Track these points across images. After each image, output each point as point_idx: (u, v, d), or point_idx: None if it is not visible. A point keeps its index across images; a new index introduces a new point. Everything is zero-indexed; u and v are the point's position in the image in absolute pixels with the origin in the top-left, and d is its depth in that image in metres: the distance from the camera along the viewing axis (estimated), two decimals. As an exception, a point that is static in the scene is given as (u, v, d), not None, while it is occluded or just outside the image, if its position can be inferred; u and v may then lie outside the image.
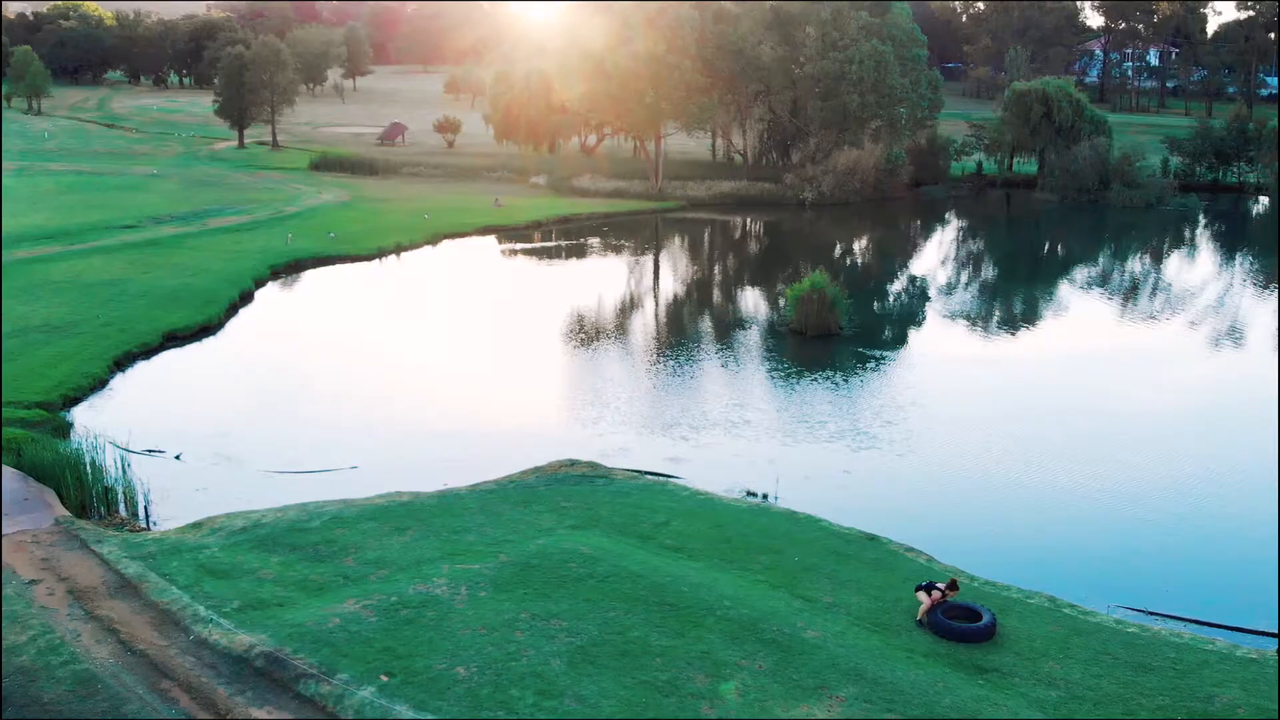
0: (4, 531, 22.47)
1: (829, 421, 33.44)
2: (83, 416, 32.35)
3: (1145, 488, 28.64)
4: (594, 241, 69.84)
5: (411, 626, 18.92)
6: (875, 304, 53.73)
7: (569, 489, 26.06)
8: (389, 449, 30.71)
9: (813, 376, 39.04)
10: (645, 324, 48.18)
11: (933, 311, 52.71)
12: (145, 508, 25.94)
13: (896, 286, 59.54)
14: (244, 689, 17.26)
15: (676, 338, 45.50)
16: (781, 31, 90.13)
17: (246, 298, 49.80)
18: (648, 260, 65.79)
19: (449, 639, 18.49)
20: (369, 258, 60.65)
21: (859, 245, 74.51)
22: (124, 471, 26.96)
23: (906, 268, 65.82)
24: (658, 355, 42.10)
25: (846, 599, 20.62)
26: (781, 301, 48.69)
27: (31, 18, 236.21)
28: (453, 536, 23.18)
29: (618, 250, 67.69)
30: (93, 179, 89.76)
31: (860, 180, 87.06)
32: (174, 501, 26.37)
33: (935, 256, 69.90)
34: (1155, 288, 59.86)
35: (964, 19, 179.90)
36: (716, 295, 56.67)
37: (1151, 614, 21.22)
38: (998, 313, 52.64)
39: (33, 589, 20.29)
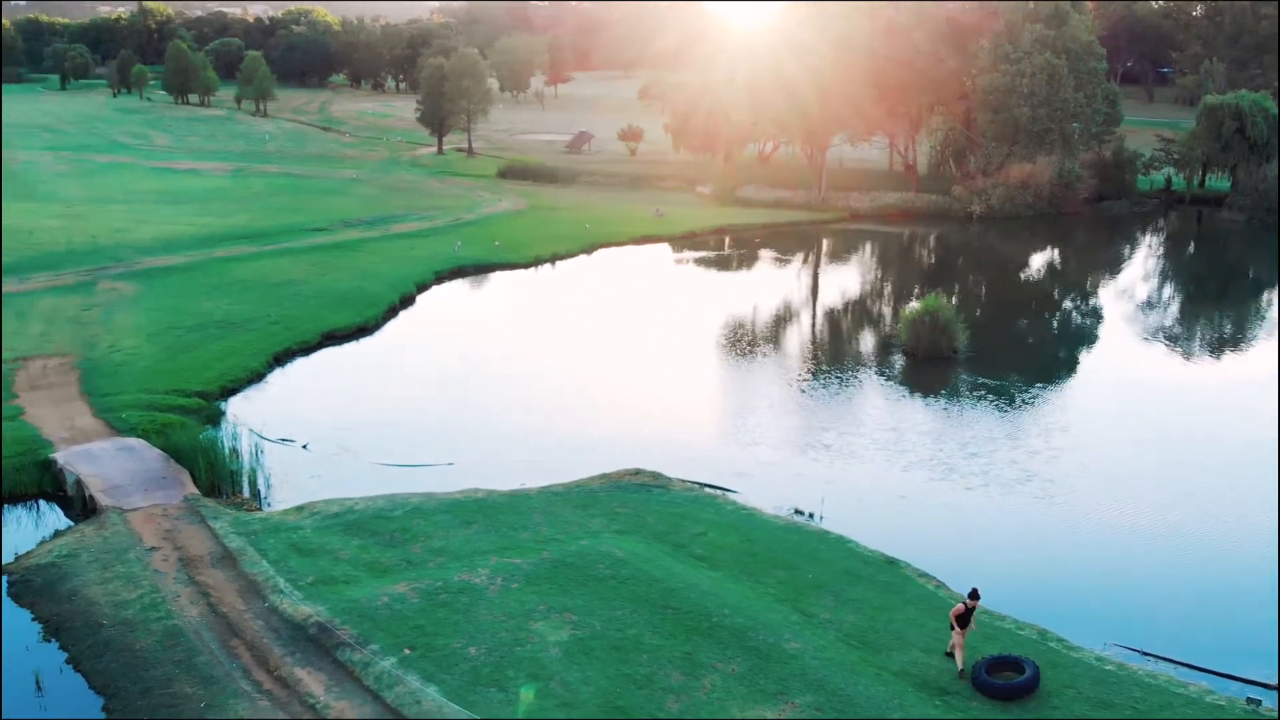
0: (139, 505, 26.80)
1: (909, 450, 34.18)
2: (235, 406, 37.04)
3: (1218, 528, 28.56)
4: (743, 253, 71.54)
5: (445, 609, 21.84)
6: (1007, 326, 53.48)
7: (626, 496, 28.49)
8: (486, 448, 33.83)
9: (910, 402, 39.88)
10: (759, 340, 49.59)
11: (1065, 337, 52.17)
12: (264, 490, 29.97)
13: (1037, 307, 58.76)
14: (294, 651, 20.58)
15: (787, 355, 46.86)
16: (955, 43, 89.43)
17: (407, 301, 54.28)
18: (787, 274, 67.02)
19: (472, 622, 21.32)
20: (526, 266, 64.39)
21: (1015, 262, 73.30)
22: (255, 457, 31.15)
23: (1056, 287, 64.76)
24: (764, 372, 43.80)
25: (843, 616, 22.27)
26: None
27: (268, 22, 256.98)
28: (510, 533, 26.02)
29: (764, 263, 69.21)
30: (300, 181, 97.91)
31: (1033, 194, 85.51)
32: (290, 486, 30.32)
33: (1088, 277, 68.05)
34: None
35: (1182, 24, 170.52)
36: (841, 312, 57.14)
37: (1146, 654, 21.85)
38: (1138, 343, 50.81)
39: (151, 555, 24.38)
